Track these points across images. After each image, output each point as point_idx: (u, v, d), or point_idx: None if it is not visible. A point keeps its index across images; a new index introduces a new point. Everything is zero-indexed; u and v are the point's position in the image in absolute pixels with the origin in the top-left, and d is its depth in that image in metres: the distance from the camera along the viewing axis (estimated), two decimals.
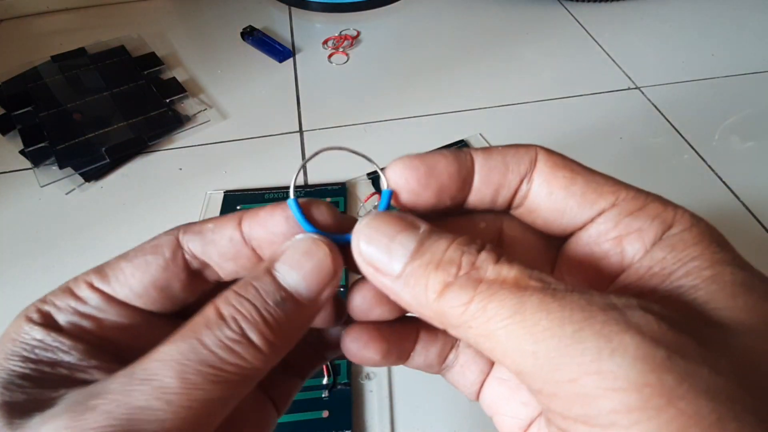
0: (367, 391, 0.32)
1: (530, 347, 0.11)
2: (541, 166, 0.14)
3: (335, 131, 0.49)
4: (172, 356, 0.12)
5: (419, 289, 0.12)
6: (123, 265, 0.15)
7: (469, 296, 0.12)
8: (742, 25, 0.62)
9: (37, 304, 0.15)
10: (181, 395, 0.12)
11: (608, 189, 0.14)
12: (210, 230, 0.15)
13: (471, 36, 0.61)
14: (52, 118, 0.48)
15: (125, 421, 0.11)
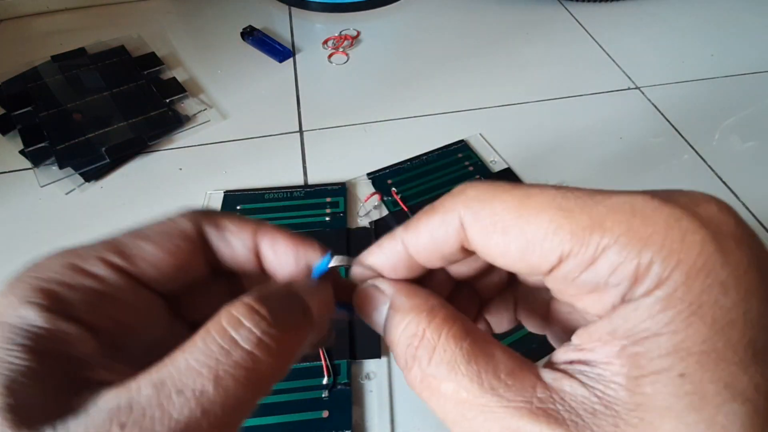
0: (367, 391, 0.32)
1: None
2: (471, 233, 0.13)
3: (335, 131, 0.49)
4: (202, 365, 0.11)
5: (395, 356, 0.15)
6: (145, 246, 0.14)
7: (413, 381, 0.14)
8: (741, 25, 0.62)
9: (33, 280, 0.13)
10: (218, 400, 0.11)
11: (549, 245, 0.11)
12: (229, 231, 0.16)
13: (471, 36, 0.61)
14: (52, 118, 0.48)
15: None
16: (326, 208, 0.41)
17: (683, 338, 0.10)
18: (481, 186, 0.13)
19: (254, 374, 0.12)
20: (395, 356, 0.14)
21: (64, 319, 0.12)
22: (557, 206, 0.11)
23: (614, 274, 0.11)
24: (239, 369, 0.12)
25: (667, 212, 0.10)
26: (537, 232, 0.12)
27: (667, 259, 0.10)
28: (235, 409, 0.12)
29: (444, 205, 0.13)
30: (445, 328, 0.13)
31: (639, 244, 0.10)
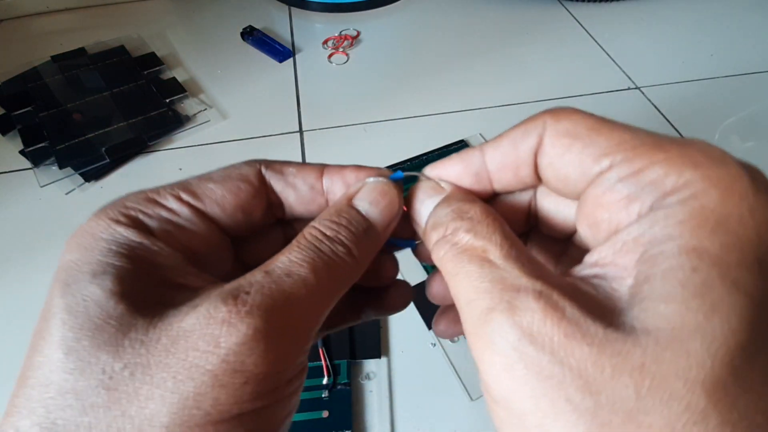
0: (367, 391, 0.32)
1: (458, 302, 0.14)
2: (546, 138, 0.14)
3: (335, 131, 0.49)
4: (302, 260, 0.14)
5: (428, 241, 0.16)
6: (213, 187, 0.16)
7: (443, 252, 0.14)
8: (741, 25, 0.62)
9: (118, 207, 0.15)
10: (316, 285, 0.14)
11: (606, 151, 0.13)
12: (292, 174, 0.17)
13: (471, 36, 0.61)
14: (52, 118, 0.48)
15: (282, 303, 0.13)
16: None
17: (704, 243, 0.11)
18: (567, 108, 0.14)
19: (339, 269, 0.15)
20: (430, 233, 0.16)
21: (147, 236, 0.15)
22: (627, 129, 0.13)
23: (654, 184, 0.12)
24: (329, 265, 0.15)
25: (720, 153, 0.12)
26: (604, 141, 0.13)
27: (705, 180, 0.11)
28: (326, 294, 0.15)
29: (532, 118, 0.15)
30: (491, 217, 0.14)
31: (685, 165, 0.12)
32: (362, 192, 0.17)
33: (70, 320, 0.13)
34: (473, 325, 0.13)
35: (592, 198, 0.13)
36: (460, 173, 0.16)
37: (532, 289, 0.12)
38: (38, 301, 0.38)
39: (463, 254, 0.14)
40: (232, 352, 0.12)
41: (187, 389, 0.12)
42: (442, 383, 0.32)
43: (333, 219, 0.16)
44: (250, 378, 0.12)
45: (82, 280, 0.13)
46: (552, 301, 0.11)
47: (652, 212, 0.12)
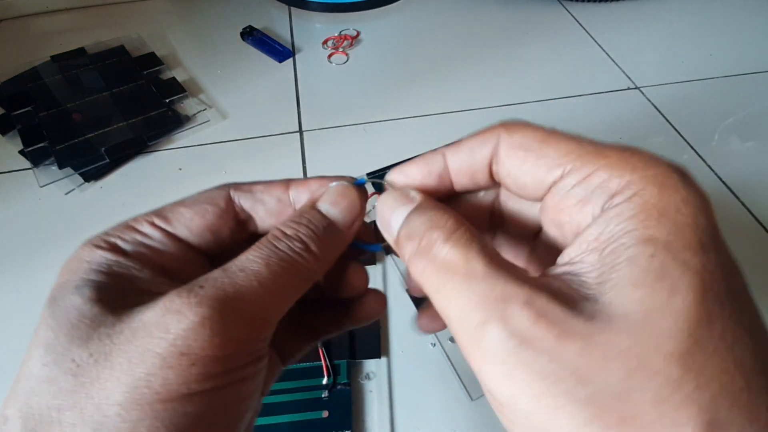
0: (367, 391, 0.32)
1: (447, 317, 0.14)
2: (501, 149, 0.16)
3: (335, 131, 0.49)
4: (257, 256, 0.16)
5: (401, 252, 0.16)
6: (182, 210, 0.18)
7: (422, 266, 0.15)
8: (741, 25, 0.62)
9: (100, 236, 0.17)
10: (269, 278, 0.15)
11: (557, 162, 0.15)
12: (260, 191, 0.19)
13: (471, 36, 0.61)
14: (51, 118, 0.48)
15: (232, 294, 0.15)
16: None
17: (654, 232, 0.12)
18: (518, 121, 0.16)
19: (295, 265, 0.16)
20: (404, 244, 0.16)
21: (124, 257, 0.17)
22: (572, 139, 0.15)
23: (600, 187, 0.14)
24: (285, 261, 0.16)
25: (651, 156, 0.14)
26: (553, 152, 0.15)
27: (643, 180, 0.13)
28: (281, 287, 0.16)
29: (487, 129, 0.16)
30: (465, 226, 0.15)
31: (625, 168, 0.13)
32: (324, 195, 0.18)
33: (52, 323, 0.15)
34: (469, 339, 0.13)
35: (552, 205, 0.15)
36: (424, 176, 0.17)
37: (519, 298, 0.13)
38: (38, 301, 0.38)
39: (445, 268, 0.14)
40: (180, 336, 0.14)
41: (139, 371, 0.13)
42: (442, 383, 0.32)
43: (294, 219, 0.17)
44: (196, 360, 0.14)
45: (66, 293, 0.15)
46: (539, 306, 0.12)
47: (604, 212, 0.13)
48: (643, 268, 0.12)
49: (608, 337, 0.12)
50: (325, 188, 0.19)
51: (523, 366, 0.12)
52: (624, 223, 0.13)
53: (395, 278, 0.37)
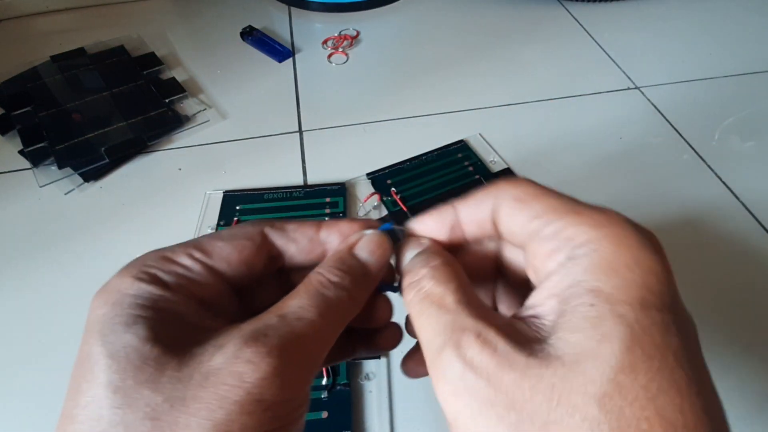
0: (367, 391, 0.32)
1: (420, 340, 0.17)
2: (501, 201, 0.18)
3: (335, 131, 0.49)
4: (310, 305, 0.17)
5: (402, 283, 0.19)
6: (221, 245, 0.19)
7: (411, 295, 0.18)
8: (741, 25, 0.62)
9: (138, 267, 0.17)
10: (321, 327, 0.17)
11: (539, 214, 0.16)
12: (293, 230, 0.20)
13: (471, 36, 0.61)
14: (51, 118, 0.48)
15: (294, 343, 0.16)
16: (326, 209, 0.41)
17: (600, 285, 0.14)
18: (521, 178, 0.18)
19: (340, 311, 0.18)
20: (404, 275, 0.19)
21: (167, 290, 0.17)
22: (559, 198, 0.17)
23: (567, 240, 0.15)
24: (332, 308, 0.17)
25: (620, 217, 0.16)
26: (538, 206, 0.17)
27: (605, 237, 0.15)
28: (329, 333, 0.18)
29: (489, 189, 0.19)
30: (450, 267, 0.18)
31: (591, 225, 0.15)
32: (362, 242, 0.20)
33: (113, 365, 0.15)
34: (430, 360, 0.16)
35: (530, 251, 0.17)
36: (439, 226, 0.20)
37: (474, 330, 0.15)
38: (37, 301, 0.38)
39: (425, 299, 0.17)
40: (255, 386, 0.15)
41: (218, 417, 0.14)
42: None
43: (337, 266, 0.19)
44: (269, 406, 0.15)
45: (117, 331, 0.15)
46: (488, 339, 0.14)
47: (567, 262, 0.15)
48: (583, 315, 0.14)
49: (540, 372, 0.13)
50: (358, 233, 0.20)
51: (466, 388, 0.14)
52: (579, 275, 0.14)
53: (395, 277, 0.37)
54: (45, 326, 0.35)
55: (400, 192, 0.42)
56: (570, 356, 0.13)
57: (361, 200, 0.42)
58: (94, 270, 0.38)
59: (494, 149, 0.46)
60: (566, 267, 0.15)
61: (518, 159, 0.45)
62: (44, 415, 0.30)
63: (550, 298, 0.15)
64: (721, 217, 0.42)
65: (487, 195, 0.18)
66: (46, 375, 0.32)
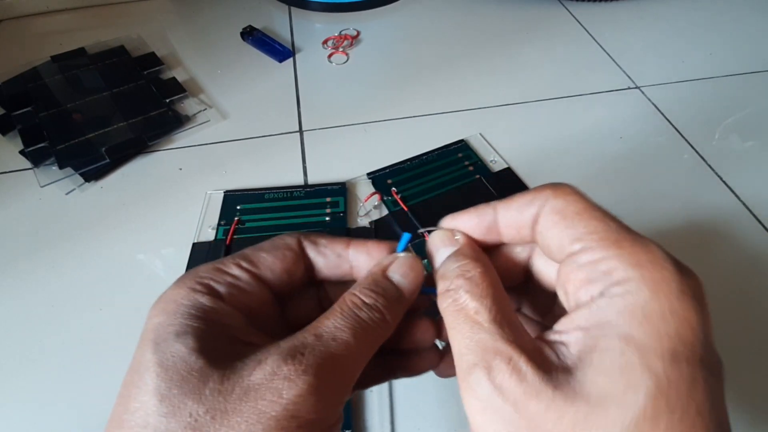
0: (367, 391, 0.32)
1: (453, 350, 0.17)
2: (543, 211, 0.18)
3: (335, 131, 0.49)
4: (344, 326, 0.18)
5: (437, 285, 0.19)
6: (264, 255, 0.20)
7: (446, 304, 0.18)
8: (741, 25, 0.62)
9: (194, 278, 0.19)
10: (355, 346, 0.18)
11: (579, 237, 0.16)
12: (323, 245, 0.21)
13: (471, 36, 0.61)
14: (52, 118, 0.48)
15: (329, 363, 0.17)
16: (326, 208, 0.41)
17: (632, 332, 0.14)
18: (567, 186, 0.18)
19: (373, 333, 0.18)
20: (438, 282, 0.19)
21: (220, 300, 0.18)
22: (603, 220, 0.16)
23: (606, 274, 0.15)
24: (366, 329, 0.18)
25: (661, 256, 0.15)
26: (581, 227, 0.16)
27: (642, 280, 0.15)
28: (363, 354, 0.18)
29: (537, 189, 0.18)
30: (488, 279, 0.18)
31: (631, 264, 0.15)
32: (395, 265, 0.20)
33: (162, 373, 0.16)
34: (461, 373, 0.16)
35: (564, 272, 0.17)
36: (475, 225, 0.20)
37: (505, 355, 0.15)
38: (38, 301, 0.38)
39: (460, 312, 0.17)
40: (292, 402, 0.15)
41: (256, 430, 0.15)
42: (443, 383, 0.32)
43: (371, 288, 0.19)
44: (303, 423, 0.16)
45: (168, 339, 0.16)
46: (518, 366, 0.15)
47: (600, 298, 0.15)
48: (613, 360, 0.14)
49: (564, 408, 0.14)
50: (391, 255, 0.21)
51: (493, 409, 0.15)
52: (612, 316, 0.15)
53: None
54: (45, 326, 0.35)
55: (400, 192, 0.42)
56: (595, 398, 0.14)
57: (362, 200, 0.42)
58: (95, 270, 0.38)
59: (494, 149, 0.46)
60: (599, 304, 0.15)
61: (518, 159, 0.45)
62: (44, 415, 0.30)
63: (578, 330, 0.15)
64: (721, 216, 0.42)
65: (532, 202, 0.18)
66: (46, 375, 0.32)
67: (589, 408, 0.14)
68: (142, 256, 0.39)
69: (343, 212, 0.41)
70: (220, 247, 0.38)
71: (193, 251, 0.38)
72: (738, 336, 0.34)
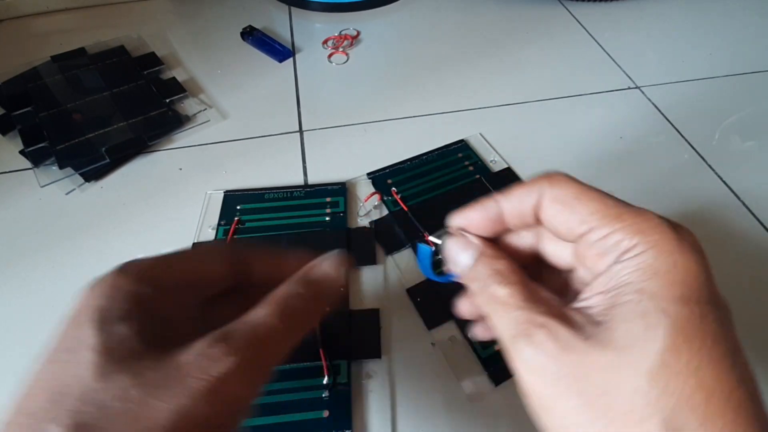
0: (368, 390, 0.32)
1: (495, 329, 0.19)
2: (544, 201, 0.20)
3: (335, 131, 0.49)
4: (273, 311, 0.20)
5: (469, 286, 0.21)
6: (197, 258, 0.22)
7: (481, 298, 0.20)
8: (741, 25, 0.62)
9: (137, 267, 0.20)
10: (282, 332, 0.20)
11: (585, 219, 0.18)
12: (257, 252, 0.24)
13: (471, 35, 0.61)
14: (52, 118, 0.48)
15: (255, 346, 0.19)
16: (326, 208, 0.41)
17: (645, 286, 0.16)
18: (560, 174, 0.20)
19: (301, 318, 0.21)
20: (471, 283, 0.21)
21: (158, 291, 0.20)
22: (600, 200, 0.19)
23: (616, 246, 0.18)
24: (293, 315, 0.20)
25: (660, 222, 0.18)
26: (583, 210, 0.18)
27: (647, 243, 0.17)
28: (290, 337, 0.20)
29: (534, 181, 0.20)
30: (510, 268, 0.20)
31: (635, 232, 0.17)
32: (324, 262, 0.23)
33: (103, 352, 0.17)
34: (506, 346, 0.18)
35: (580, 252, 0.19)
36: (482, 218, 0.22)
37: (540, 322, 0.18)
38: (38, 301, 0.38)
39: (495, 301, 0.19)
40: (218, 379, 0.17)
41: (184, 403, 0.16)
42: (443, 383, 0.32)
43: (300, 280, 0.22)
44: (227, 398, 0.18)
45: (112, 322, 0.18)
46: (551, 328, 0.17)
47: (614, 265, 0.18)
48: (632, 310, 0.16)
49: (597, 356, 0.16)
50: (321, 256, 0.23)
51: (537, 366, 0.17)
52: (626, 277, 0.17)
53: (395, 279, 0.37)
54: (46, 326, 0.35)
55: (400, 191, 0.42)
56: (621, 341, 0.16)
57: (362, 200, 0.42)
58: (95, 270, 0.38)
59: (495, 149, 0.46)
60: (614, 269, 0.17)
61: (518, 158, 0.45)
62: None
63: (599, 294, 0.18)
64: (721, 216, 0.42)
65: (530, 192, 0.20)
66: None
67: (617, 352, 0.16)
68: (142, 256, 0.39)
69: (343, 212, 0.41)
70: None
71: None
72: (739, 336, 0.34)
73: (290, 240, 0.39)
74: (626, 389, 0.15)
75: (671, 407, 0.15)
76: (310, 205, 0.41)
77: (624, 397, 0.15)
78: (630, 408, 0.15)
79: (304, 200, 0.42)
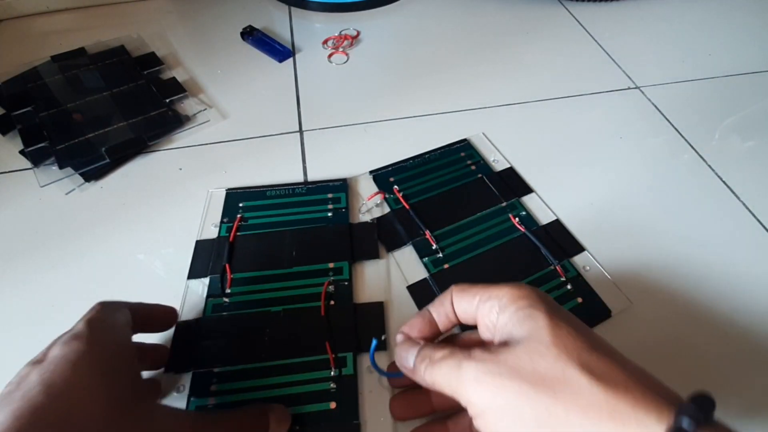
0: (368, 391, 0.32)
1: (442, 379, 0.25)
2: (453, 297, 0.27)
3: (335, 131, 0.49)
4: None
5: (417, 370, 0.26)
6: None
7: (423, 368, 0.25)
8: (741, 25, 0.62)
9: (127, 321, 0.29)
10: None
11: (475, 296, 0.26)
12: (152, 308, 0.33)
13: (471, 35, 0.61)
14: (52, 118, 0.48)
15: None
16: (328, 204, 0.41)
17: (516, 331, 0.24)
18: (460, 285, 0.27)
19: None
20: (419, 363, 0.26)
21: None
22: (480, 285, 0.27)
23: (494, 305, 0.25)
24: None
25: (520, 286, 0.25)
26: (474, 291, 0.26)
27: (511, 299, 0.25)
28: None
29: (445, 294, 0.28)
30: (445, 346, 0.26)
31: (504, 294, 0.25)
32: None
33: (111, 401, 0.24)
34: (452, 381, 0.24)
35: (479, 317, 0.26)
36: (423, 325, 0.28)
37: (465, 354, 0.24)
38: (38, 301, 0.38)
39: (438, 363, 0.25)
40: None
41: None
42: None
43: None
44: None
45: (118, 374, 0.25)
46: (472, 356, 0.23)
47: (499, 311, 0.25)
48: (516, 320, 0.24)
49: (517, 348, 0.23)
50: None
51: (478, 370, 0.23)
52: (505, 319, 0.24)
53: (397, 275, 0.37)
54: (46, 326, 0.35)
55: (402, 190, 0.42)
56: (524, 335, 0.23)
57: (364, 198, 0.42)
58: (95, 270, 0.38)
59: (497, 148, 0.46)
60: (500, 320, 0.25)
61: (520, 158, 0.45)
62: None
63: (492, 330, 0.25)
64: (721, 217, 0.42)
65: (446, 296, 0.28)
66: None
67: (526, 341, 0.23)
68: (142, 255, 0.39)
69: (345, 208, 0.41)
70: (223, 244, 0.38)
71: (197, 249, 0.38)
72: (738, 337, 0.34)
73: (294, 235, 0.39)
74: (547, 360, 0.22)
75: (576, 356, 0.22)
76: (312, 202, 0.41)
77: (547, 365, 0.22)
78: (553, 371, 0.21)
79: (306, 197, 0.41)
